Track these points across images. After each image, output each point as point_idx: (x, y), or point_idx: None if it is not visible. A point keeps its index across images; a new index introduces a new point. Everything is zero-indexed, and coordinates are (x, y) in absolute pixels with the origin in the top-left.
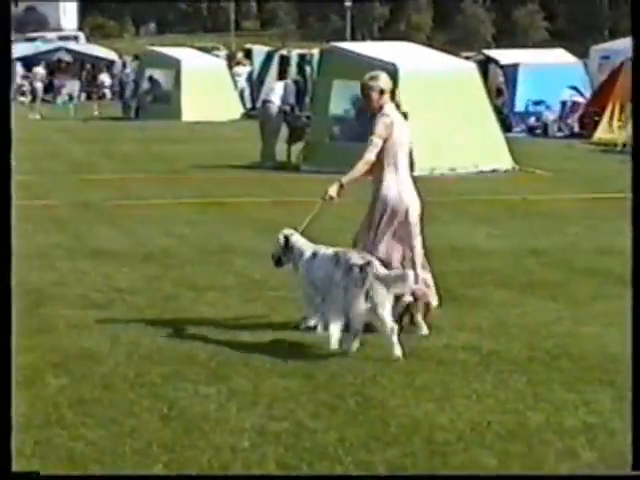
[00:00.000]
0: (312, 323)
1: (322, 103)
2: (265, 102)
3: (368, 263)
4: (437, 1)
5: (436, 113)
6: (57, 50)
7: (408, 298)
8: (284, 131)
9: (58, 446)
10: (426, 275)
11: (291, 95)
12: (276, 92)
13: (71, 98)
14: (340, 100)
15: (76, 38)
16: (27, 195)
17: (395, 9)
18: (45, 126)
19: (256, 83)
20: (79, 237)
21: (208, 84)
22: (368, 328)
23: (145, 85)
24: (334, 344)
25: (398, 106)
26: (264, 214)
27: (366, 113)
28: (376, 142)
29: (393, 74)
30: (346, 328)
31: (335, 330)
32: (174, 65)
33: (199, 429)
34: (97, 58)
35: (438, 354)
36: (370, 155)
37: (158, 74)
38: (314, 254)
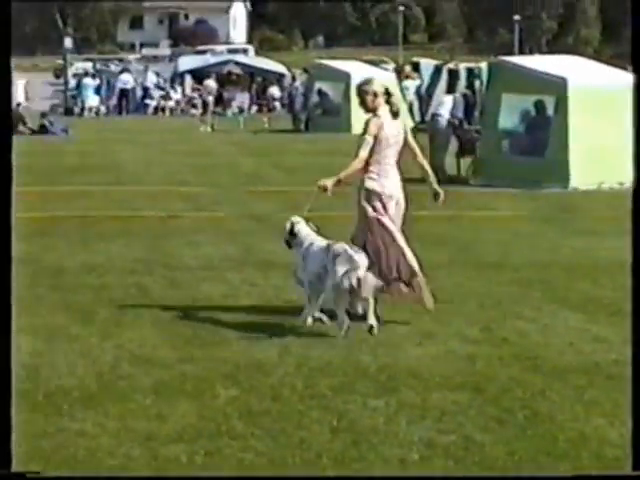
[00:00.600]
0: (316, 315)
1: (491, 117)
2: (434, 116)
3: (356, 252)
4: (606, 15)
5: (605, 127)
6: (227, 63)
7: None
8: (454, 145)
9: (228, 457)
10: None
11: (460, 109)
12: (445, 106)
13: (241, 111)
14: (509, 114)
15: (245, 51)
16: (196, 207)
17: (564, 22)
18: (215, 138)
19: (425, 97)
20: (248, 249)
21: None
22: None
23: (314, 98)
24: (308, 320)
25: (392, 106)
26: (433, 228)
27: (536, 127)
28: (368, 140)
29: (563, 88)
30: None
31: (310, 309)
32: (343, 78)
33: (368, 441)
34: (267, 71)
35: (607, 369)
36: (364, 153)
37: (327, 87)
38: (311, 244)
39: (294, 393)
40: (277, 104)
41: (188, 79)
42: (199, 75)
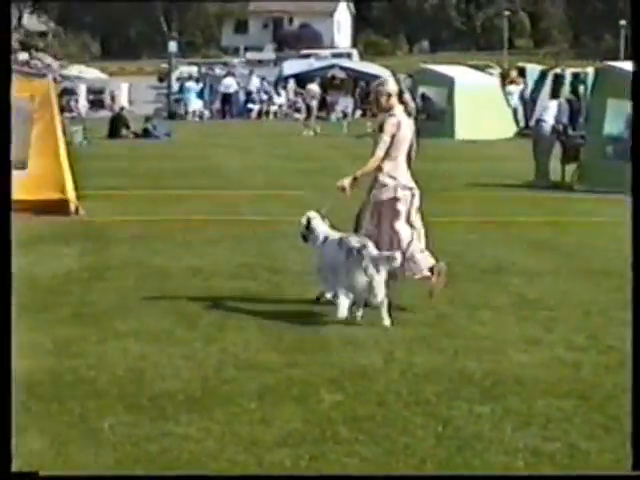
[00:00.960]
0: (329, 296)
1: (596, 123)
2: (538, 121)
3: (364, 246)
4: None
5: None
6: (331, 67)
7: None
8: (558, 150)
9: (332, 462)
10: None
11: (564, 114)
12: (549, 111)
13: (345, 115)
14: (614, 120)
15: (349, 55)
16: (300, 211)
17: None
18: (318, 142)
19: (529, 102)
20: None
21: (482, 102)
22: None
23: (418, 103)
24: (342, 312)
25: (406, 105)
26: (538, 234)
27: None
28: (385, 139)
29: None
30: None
31: (343, 302)
32: (447, 83)
33: (472, 448)
34: (371, 75)
35: None
36: (380, 152)
37: (431, 92)
38: (325, 238)
39: (399, 399)
40: None
41: (292, 83)
42: (303, 79)
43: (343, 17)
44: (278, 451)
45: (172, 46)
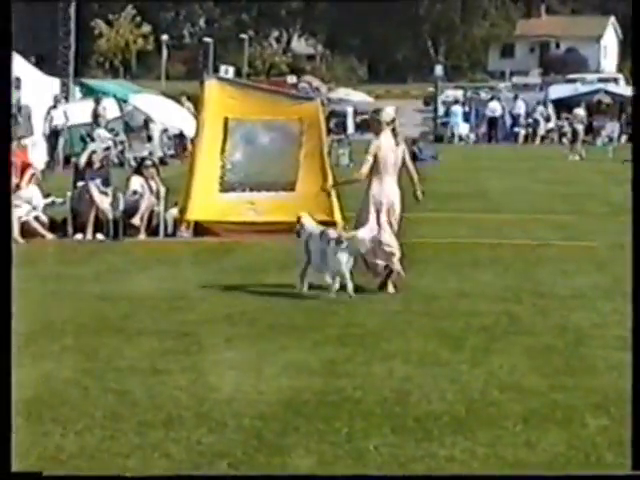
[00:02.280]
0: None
1: None
2: None
3: (339, 236)
4: None
5: None
6: (597, 92)
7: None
8: None
9: None
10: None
11: None
12: None
13: (610, 140)
14: None
15: (616, 80)
16: (566, 235)
17: None
18: (584, 167)
19: None
20: (618, 279)
21: None
22: None
23: None
24: (333, 292)
25: (395, 134)
26: None
27: None
28: (368, 159)
29: None
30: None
31: (333, 283)
32: None
33: None
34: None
35: None
36: (364, 169)
37: None
38: (310, 233)
39: None
40: None
41: (558, 108)
42: (568, 103)
43: (610, 42)
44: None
45: (438, 70)
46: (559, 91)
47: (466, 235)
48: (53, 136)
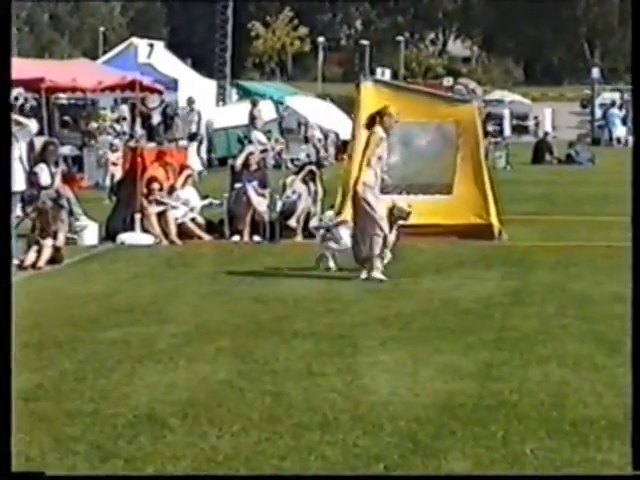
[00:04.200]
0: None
1: None
2: None
3: (328, 227)
4: None
5: None
6: None
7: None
8: None
9: None
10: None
11: None
12: None
13: None
14: None
15: None
16: None
17: None
18: None
19: None
20: None
21: None
22: None
23: None
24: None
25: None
26: None
27: None
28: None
29: None
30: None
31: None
32: None
33: None
34: None
35: None
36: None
37: None
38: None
39: None
40: None
41: None
42: None
43: None
44: None
45: (595, 72)
46: None
47: (622, 239)
48: (211, 137)
